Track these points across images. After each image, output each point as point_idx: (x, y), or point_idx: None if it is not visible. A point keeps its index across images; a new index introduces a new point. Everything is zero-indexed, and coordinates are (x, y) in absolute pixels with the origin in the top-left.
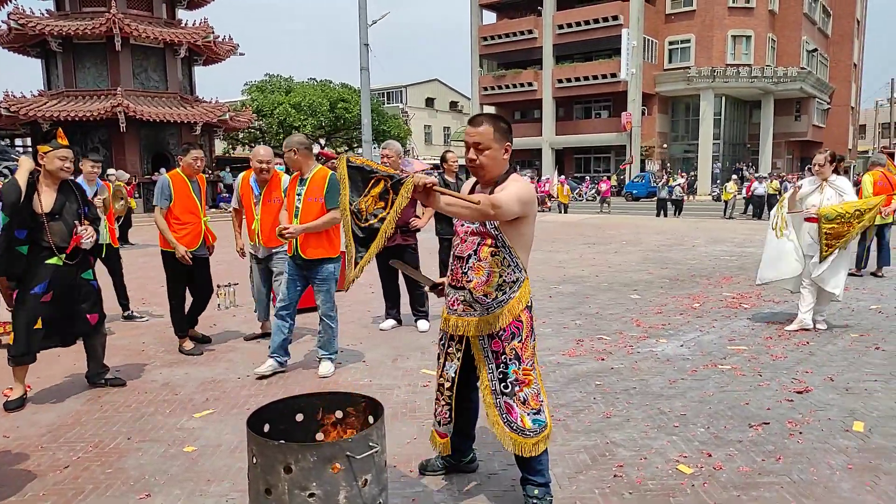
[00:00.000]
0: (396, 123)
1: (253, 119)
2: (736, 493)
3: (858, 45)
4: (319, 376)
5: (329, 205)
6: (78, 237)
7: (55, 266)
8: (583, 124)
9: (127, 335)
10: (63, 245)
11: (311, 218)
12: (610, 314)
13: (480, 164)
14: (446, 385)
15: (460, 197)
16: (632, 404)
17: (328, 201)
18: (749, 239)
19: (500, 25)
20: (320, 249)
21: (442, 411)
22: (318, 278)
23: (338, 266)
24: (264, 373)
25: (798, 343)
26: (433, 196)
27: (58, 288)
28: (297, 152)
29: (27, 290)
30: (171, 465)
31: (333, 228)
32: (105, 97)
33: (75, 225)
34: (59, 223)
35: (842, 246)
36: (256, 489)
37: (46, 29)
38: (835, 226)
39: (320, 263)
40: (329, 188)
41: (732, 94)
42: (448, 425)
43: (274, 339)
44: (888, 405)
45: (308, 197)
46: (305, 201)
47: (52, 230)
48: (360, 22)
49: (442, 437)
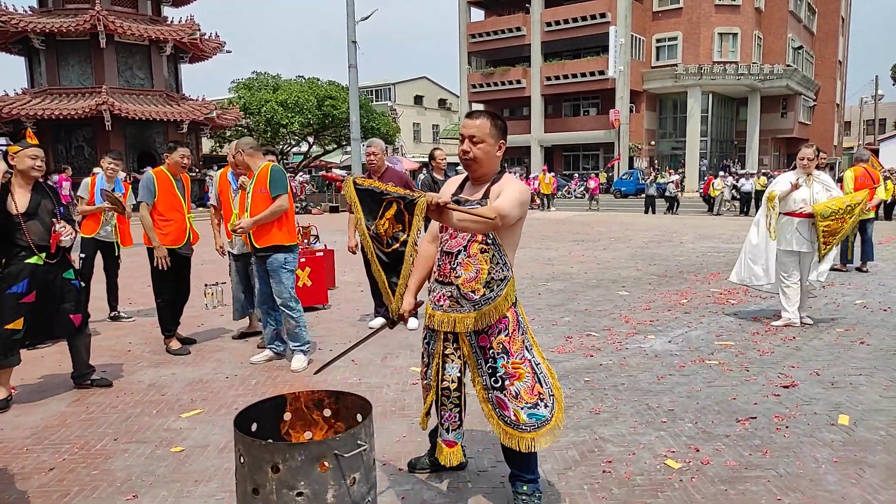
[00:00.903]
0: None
1: (240, 117)
2: (723, 487)
3: (843, 43)
4: (291, 370)
5: (274, 192)
6: (57, 234)
7: (35, 265)
8: (571, 122)
9: (112, 335)
10: (43, 244)
11: (261, 206)
12: (599, 311)
13: (474, 157)
14: (452, 387)
15: (470, 211)
16: (620, 400)
17: (273, 189)
18: (736, 235)
19: (489, 23)
20: (271, 237)
21: (450, 416)
22: (271, 268)
23: (293, 255)
24: (259, 361)
25: (785, 338)
26: (446, 213)
27: (39, 287)
28: (244, 153)
29: (4, 291)
30: (158, 465)
31: (285, 216)
32: (90, 95)
33: (53, 224)
34: (36, 222)
35: (838, 242)
36: (244, 489)
37: (29, 26)
38: (830, 223)
39: (273, 252)
40: (272, 178)
41: (719, 91)
42: (458, 431)
43: (265, 332)
44: (873, 399)
45: (256, 189)
46: (254, 194)
47: (30, 230)
48: (348, 19)
49: (450, 445)
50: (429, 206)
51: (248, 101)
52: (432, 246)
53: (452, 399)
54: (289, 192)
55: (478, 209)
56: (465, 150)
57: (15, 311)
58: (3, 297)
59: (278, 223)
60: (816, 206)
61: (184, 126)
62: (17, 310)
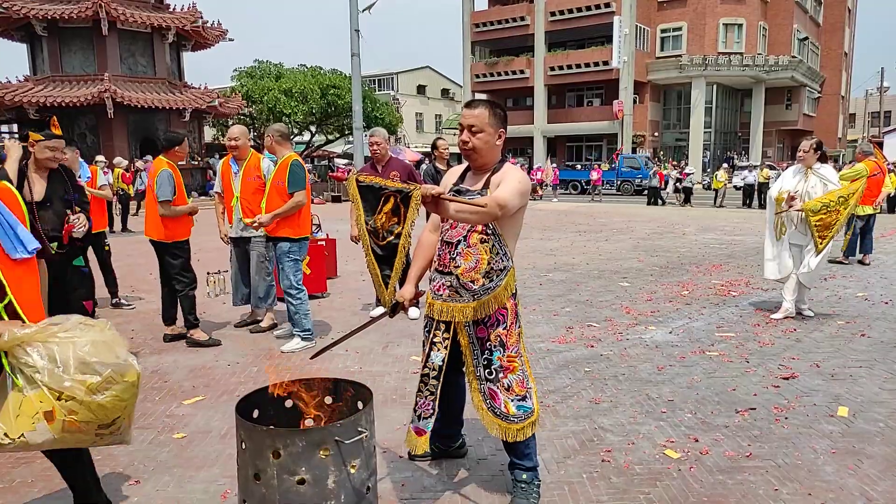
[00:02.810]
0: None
1: (242, 105)
2: (721, 477)
3: (849, 34)
4: (281, 350)
5: (291, 188)
6: (70, 226)
7: None
8: (575, 112)
9: (114, 323)
10: (54, 234)
11: (276, 199)
12: (600, 301)
13: (473, 147)
14: (432, 375)
15: (467, 202)
16: (620, 390)
17: (290, 185)
18: (739, 227)
19: (493, 12)
20: (282, 229)
21: (424, 403)
22: (277, 254)
23: (298, 246)
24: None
25: (785, 330)
26: (442, 205)
27: (50, 276)
28: (273, 138)
29: None
30: (160, 451)
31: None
32: (92, 82)
33: (67, 214)
34: (50, 212)
35: (834, 234)
36: (245, 474)
37: (31, 12)
38: (822, 216)
39: (280, 241)
40: (291, 173)
41: (724, 82)
42: (428, 419)
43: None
44: (872, 391)
45: (275, 180)
46: (273, 184)
47: (43, 219)
48: (352, 8)
49: (419, 433)
50: (424, 198)
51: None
52: (434, 235)
53: (430, 386)
54: (307, 187)
55: (476, 199)
56: (465, 140)
57: None
58: None
59: (290, 217)
60: (806, 204)
61: (186, 114)
62: None
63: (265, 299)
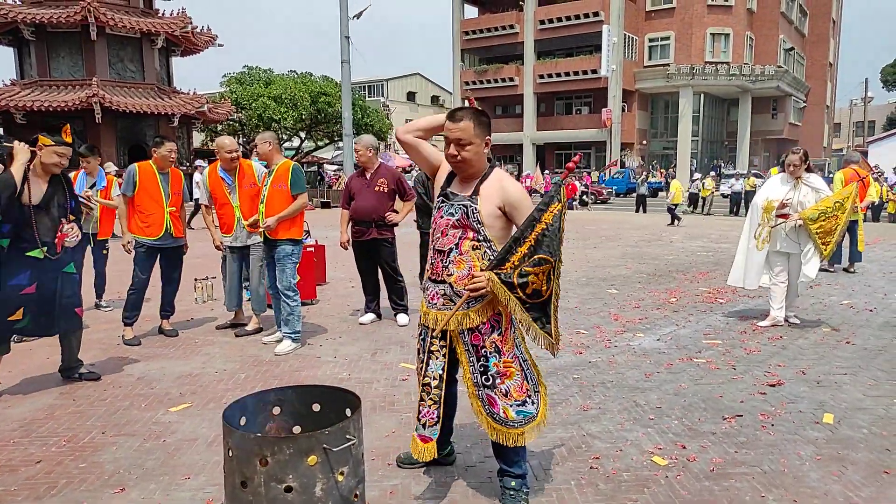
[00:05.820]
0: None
1: (232, 111)
2: (708, 484)
3: (834, 45)
4: (275, 353)
5: (294, 191)
6: (64, 235)
7: (35, 259)
8: (563, 120)
9: (101, 328)
10: (47, 239)
11: (277, 202)
12: (588, 308)
13: (463, 160)
14: (433, 384)
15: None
16: (608, 397)
17: (293, 188)
18: (725, 235)
19: (482, 20)
20: (284, 232)
21: (428, 412)
22: (278, 256)
23: (299, 248)
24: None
25: (771, 337)
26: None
27: (40, 280)
28: (271, 145)
29: (6, 282)
30: (146, 459)
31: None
32: (80, 87)
33: (62, 222)
34: (46, 217)
35: (838, 238)
36: (232, 482)
37: (19, 16)
38: (822, 223)
39: (283, 243)
40: (293, 177)
41: (711, 91)
42: (434, 427)
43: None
44: (856, 397)
45: (274, 184)
46: (272, 188)
47: (39, 223)
48: (342, 14)
49: (425, 441)
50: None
51: (240, 96)
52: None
53: (432, 395)
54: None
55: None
56: (454, 154)
57: (14, 302)
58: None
59: (292, 219)
60: (804, 213)
61: (175, 119)
62: (18, 301)
63: (263, 303)
